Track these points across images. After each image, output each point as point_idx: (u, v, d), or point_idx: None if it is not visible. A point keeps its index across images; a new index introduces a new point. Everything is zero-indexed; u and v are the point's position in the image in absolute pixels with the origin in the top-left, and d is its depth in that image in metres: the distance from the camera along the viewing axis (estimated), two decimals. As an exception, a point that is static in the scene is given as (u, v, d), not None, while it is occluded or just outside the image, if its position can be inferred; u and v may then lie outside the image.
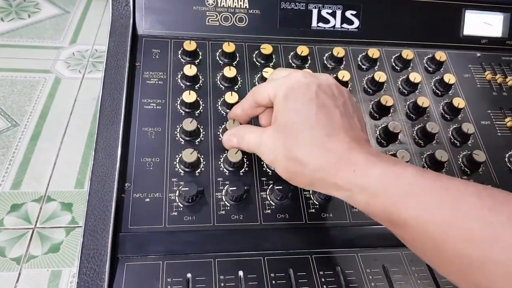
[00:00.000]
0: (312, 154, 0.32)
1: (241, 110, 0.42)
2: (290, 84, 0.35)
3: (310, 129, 0.33)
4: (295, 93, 0.35)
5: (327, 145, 0.32)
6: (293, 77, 0.36)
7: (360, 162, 0.31)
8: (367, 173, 0.30)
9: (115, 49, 0.49)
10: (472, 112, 0.52)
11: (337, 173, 0.31)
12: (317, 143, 0.32)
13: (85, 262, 0.35)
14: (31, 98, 1.00)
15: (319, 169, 0.32)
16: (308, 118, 0.33)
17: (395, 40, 0.56)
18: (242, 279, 0.37)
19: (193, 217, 0.40)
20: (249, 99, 0.40)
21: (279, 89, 0.36)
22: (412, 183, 0.29)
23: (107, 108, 0.44)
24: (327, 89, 0.35)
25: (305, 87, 0.35)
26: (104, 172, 0.40)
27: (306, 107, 0.34)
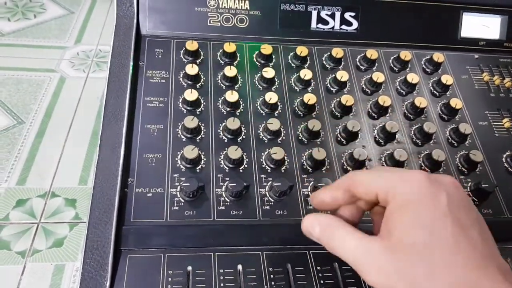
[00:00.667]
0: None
1: (331, 198, 0.33)
2: (411, 185, 0.28)
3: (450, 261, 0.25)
4: (422, 202, 0.27)
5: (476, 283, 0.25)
6: (415, 177, 0.28)
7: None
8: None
9: (119, 49, 0.50)
10: (470, 113, 0.53)
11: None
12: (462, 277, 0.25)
13: (89, 254, 0.36)
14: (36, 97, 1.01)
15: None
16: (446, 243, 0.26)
17: (393, 42, 0.57)
18: (241, 273, 0.38)
19: (194, 212, 0.41)
20: (344, 186, 0.32)
21: (397, 188, 0.28)
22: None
23: (111, 106, 0.45)
24: (458, 199, 0.28)
25: (434, 194, 0.27)
26: (108, 167, 0.41)
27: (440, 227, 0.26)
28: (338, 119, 0.49)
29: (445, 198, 0.27)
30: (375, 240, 0.28)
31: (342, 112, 0.49)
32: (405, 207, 0.27)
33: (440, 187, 0.28)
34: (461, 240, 0.26)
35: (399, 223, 0.27)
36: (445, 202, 0.27)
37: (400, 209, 0.28)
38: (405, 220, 0.27)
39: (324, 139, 0.47)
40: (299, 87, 0.51)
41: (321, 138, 0.47)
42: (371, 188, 0.30)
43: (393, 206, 0.28)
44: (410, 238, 0.26)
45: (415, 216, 0.27)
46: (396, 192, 0.28)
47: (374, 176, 0.31)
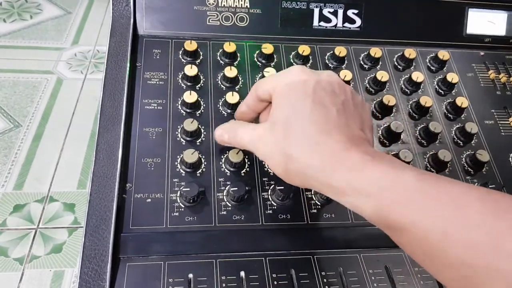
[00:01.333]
0: (305, 151, 0.31)
1: (246, 107, 0.40)
2: (288, 80, 0.34)
3: (304, 125, 0.32)
4: (292, 89, 0.34)
5: (321, 143, 0.31)
6: (292, 72, 0.35)
7: (355, 163, 0.29)
8: (363, 175, 0.29)
9: (116, 50, 0.49)
10: (476, 112, 0.51)
11: (331, 173, 0.30)
12: (310, 141, 0.31)
13: (86, 263, 0.35)
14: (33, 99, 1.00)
15: (312, 167, 0.31)
16: (303, 114, 0.32)
17: (398, 39, 0.55)
18: (244, 279, 0.37)
19: (194, 217, 0.39)
20: (253, 94, 0.39)
21: (278, 84, 0.35)
22: (411, 187, 0.27)
23: (108, 109, 0.44)
24: (326, 86, 0.34)
25: (303, 82, 0.34)
26: (105, 172, 0.40)
27: (301, 103, 0.33)
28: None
29: (313, 84, 0.33)
30: (261, 124, 0.36)
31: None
32: (281, 94, 0.34)
33: (313, 76, 0.34)
34: (317, 113, 0.32)
35: (276, 106, 0.34)
36: (311, 86, 0.33)
37: (278, 96, 0.35)
38: (278, 102, 0.34)
39: (328, 141, 0.46)
40: (301, 87, 0.50)
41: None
42: (264, 88, 0.37)
43: (275, 96, 0.35)
44: (280, 115, 0.33)
45: (285, 98, 0.34)
46: (277, 85, 0.35)
47: (269, 78, 0.37)
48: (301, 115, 0.32)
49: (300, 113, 0.32)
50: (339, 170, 0.30)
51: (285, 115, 0.33)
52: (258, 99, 0.38)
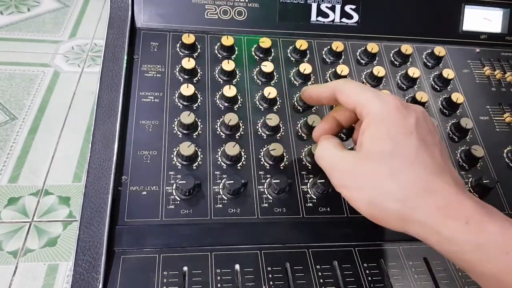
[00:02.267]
0: (413, 192, 0.28)
1: (317, 94, 0.38)
2: (386, 106, 0.31)
3: (412, 164, 0.29)
4: (392, 120, 0.30)
5: (431, 185, 0.28)
6: (389, 100, 0.32)
7: (471, 212, 0.27)
8: (483, 228, 0.26)
9: (113, 42, 0.49)
10: (471, 108, 0.52)
11: (443, 220, 0.27)
12: (420, 181, 0.28)
13: (80, 255, 0.35)
14: (29, 92, 0.99)
15: (420, 210, 0.28)
16: (409, 151, 0.29)
17: (394, 35, 0.55)
18: (239, 272, 0.37)
19: (190, 210, 0.39)
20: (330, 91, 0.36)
21: (373, 104, 0.32)
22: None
23: (104, 101, 0.44)
24: (424, 123, 0.32)
25: (404, 116, 0.31)
26: (101, 165, 0.40)
27: (406, 140, 0.30)
28: (338, 115, 0.48)
29: (414, 120, 0.31)
30: (350, 152, 0.33)
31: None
32: (377, 123, 0.31)
33: (410, 111, 0.32)
34: (422, 152, 0.29)
35: (370, 135, 0.31)
36: (413, 122, 0.31)
37: (372, 124, 0.31)
38: (375, 133, 0.31)
39: (324, 135, 0.46)
40: (299, 81, 0.50)
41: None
42: (351, 100, 0.33)
43: (367, 121, 0.32)
44: (377, 147, 0.30)
45: (385, 130, 0.30)
46: (371, 108, 0.32)
47: (357, 89, 0.34)
48: (407, 153, 0.29)
49: (406, 151, 0.29)
50: (454, 219, 0.27)
51: (390, 149, 0.30)
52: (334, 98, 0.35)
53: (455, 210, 0.27)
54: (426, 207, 0.28)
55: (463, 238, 0.26)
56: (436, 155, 0.30)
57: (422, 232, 0.28)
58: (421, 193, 0.28)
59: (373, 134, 0.31)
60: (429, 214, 0.28)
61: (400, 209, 0.28)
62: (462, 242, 0.26)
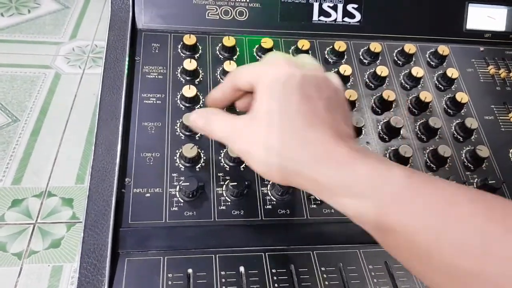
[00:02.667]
0: (291, 145, 0.29)
1: (221, 94, 0.38)
2: (273, 71, 0.33)
3: (291, 118, 0.30)
4: (277, 81, 0.32)
5: (308, 135, 0.29)
6: (277, 63, 0.33)
7: (344, 158, 0.28)
8: (352, 170, 0.27)
9: (114, 44, 0.48)
10: (476, 107, 0.51)
11: (317, 167, 0.28)
12: (297, 134, 0.30)
13: (85, 257, 0.35)
14: (31, 94, 0.99)
15: (297, 161, 0.29)
16: (290, 107, 0.31)
17: (397, 34, 0.55)
18: (243, 274, 0.36)
19: (194, 212, 0.39)
20: (228, 83, 0.37)
21: (262, 76, 0.33)
22: (400, 185, 0.26)
23: (106, 103, 0.44)
24: (312, 80, 0.33)
25: (290, 76, 0.32)
26: (104, 167, 0.40)
27: (288, 97, 0.31)
28: (341, 115, 0.48)
29: (299, 77, 0.32)
30: (241, 117, 0.33)
31: (345, 108, 0.48)
32: (265, 87, 0.32)
33: (298, 69, 0.32)
34: (304, 107, 0.30)
35: (260, 99, 0.32)
36: (298, 79, 0.31)
37: (261, 89, 0.32)
38: (262, 96, 0.32)
39: (327, 136, 0.46)
40: (301, 82, 0.49)
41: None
42: (245, 78, 0.34)
43: (259, 88, 0.33)
44: (264, 108, 0.31)
45: (270, 91, 0.32)
46: (261, 76, 0.33)
47: (249, 67, 0.35)
48: (288, 108, 0.31)
49: (287, 106, 0.31)
50: (327, 165, 0.28)
51: (270, 108, 0.31)
52: (236, 88, 0.36)
53: (328, 157, 0.28)
54: (303, 157, 0.29)
55: (335, 182, 0.28)
56: (318, 108, 0.31)
57: (302, 182, 0.30)
58: (298, 144, 0.29)
59: (259, 97, 0.32)
60: (305, 163, 0.29)
61: (280, 162, 0.30)
62: (335, 186, 0.28)
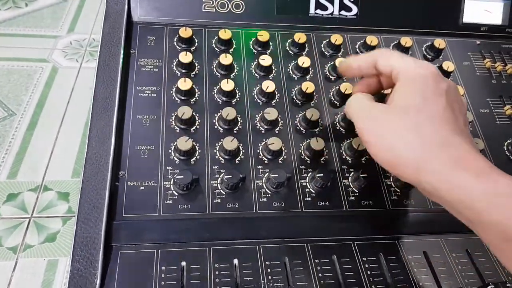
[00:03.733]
0: (432, 143, 0.30)
1: (358, 63, 0.39)
2: (421, 70, 0.33)
3: (436, 119, 0.31)
4: (426, 80, 0.33)
5: (450, 140, 0.30)
6: (426, 66, 0.34)
7: (484, 166, 0.29)
8: (493, 179, 0.28)
9: (110, 36, 0.48)
10: (471, 100, 0.51)
11: (455, 171, 0.29)
12: (440, 135, 0.30)
13: (78, 250, 0.35)
14: (27, 88, 0.99)
15: (434, 160, 0.29)
16: (435, 109, 0.31)
17: (394, 27, 0.55)
18: (237, 267, 0.36)
19: (188, 205, 0.39)
20: (370, 59, 0.37)
21: (409, 69, 0.34)
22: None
23: (101, 96, 0.44)
24: (456, 93, 0.34)
25: (437, 81, 0.33)
26: (98, 160, 0.40)
27: (435, 100, 0.32)
28: (337, 108, 0.48)
29: (446, 86, 0.33)
30: (379, 104, 0.34)
31: (341, 101, 0.48)
32: (411, 82, 0.33)
33: (444, 80, 0.34)
34: (448, 113, 0.31)
35: (401, 92, 0.33)
36: (445, 88, 0.33)
37: (405, 83, 0.33)
38: (406, 90, 0.33)
39: (323, 129, 0.46)
40: (297, 75, 0.49)
41: (320, 128, 0.46)
42: (391, 61, 0.35)
43: (401, 81, 0.33)
44: (406, 102, 0.32)
45: (415, 88, 0.32)
46: (406, 71, 0.34)
47: (397, 55, 0.36)
48: (433, 109, 0.31)
49: (433, 108, 0.31)
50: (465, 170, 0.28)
51: (417, 104, 0.32)
52: (373, 67, 0.37)
53: (467, 163, 0.29)
54: (441, 158, 0.29)
55: (473, 187, 0.28)
56: (459, 120, 0.32)
57: (434, 181, 0.30)
58: (439, 145, 0.30)
59: (404, 90, 0.33)
60: (443, 164, 0.29)
61: (416, 157, 0.30)
62: (472, 191, 0.28)
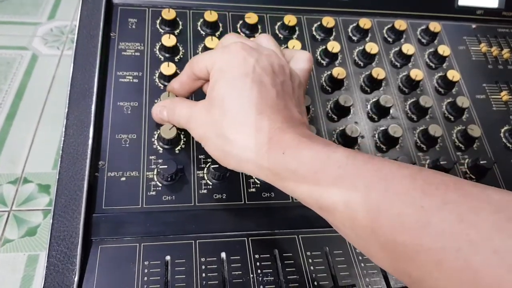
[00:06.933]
0: (241, 132, 0.30)
1: (179, 84, 0.38)
2: (227, 56, 0.33)
3: (241, 105, 0.31)
4: (231, 66, 0.32)
5: (258, 123, 0.30)
6: (232, 48, 0.33)
7: (290, 144, 0.29)
8: (297, 155, 0.28)
9: (88, 19, 0.45)
10: (467, 86, 0.50)
11: (266, 155, 0.29)
12: (247, 121, 0.30)
13: (54, 245, 0.33)
14: (6, 76, 0.95)
15: (247, 149, 0.30)
16: (241, 93, 0.31)
17: (388, 10, 0.53)
18: (225, 260, 0.35)
19: (173, 196, 0.37)
20: (187, 71, 0.37)
21: (216, 60, 0.33)
22: (342, 165, 0.26)
23: (78, 82, 0.41)
24: (266, 65, 0.33)
25: (243, 60, 0.32)
26: (76, 149, 0.37)
27: (240, 82, 0.31)
28: (329, 94, 0.46)
29: (252, 62, 0.32)
30: (198, 102, 0.34)
31: (333, 86, 0.46)
32: (220, 70, 0.33)
33: (253, 53, 0.33)
34: (255, 93, 0.31)
35: (214, 84, 0.32)
36: (251, 64, 0.32)
37: (216, 73, 0.33)
38: (216, 80, 0.32)
39: (315, 115, 0.44)
40: (287, 59, 0.47)
41: (311, 114, 0.44)
42: (202, 64, 0.34)
43: (213, 73, 0.33)
44: (217, 93, 0.32)
45: (223, 77, 0.32)
46: (216, 62, 0.33)
47: (206, 54, 0.35)
48: (239, 94, 0.31)
49: (238, 92, 0.31)
50: (274, 152, 0.29)
51: (223, 94, 0.32)
52: (194, 77, 0.36)
53: (276, 143, 0.29)
54: (251, 145, 0.30)
55: (280, 167, 0.29)
56: (270, 95, 0.31)
57: (253, 169, 0.31)
58: (248, 133, 0.30)
59: (212, 82, 0.33)
60: (255, 151, 0.30)
61: (233, 151, 0.31)
62: (280, 171, 0.29)
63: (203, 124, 0.33)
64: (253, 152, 0.30)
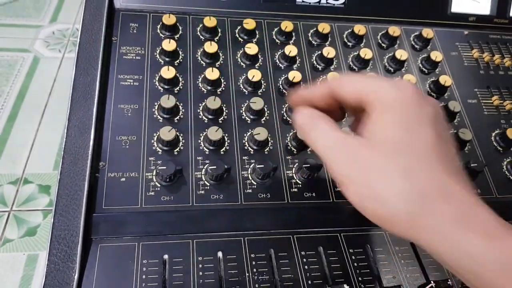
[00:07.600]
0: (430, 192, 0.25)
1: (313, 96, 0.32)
2: (402, 94, 0.27)
3: (427, 162, 0.25)
4: (408, 108, 0.27)
5: (449, 188, 0.25)
6: (405, 86, 0.28)
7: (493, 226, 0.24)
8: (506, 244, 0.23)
9: (90, 23, 0.47)
10: (459, 91, 0.51)
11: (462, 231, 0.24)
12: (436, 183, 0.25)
13: (55, 244, 0.34)
14: (8, 78, 0.96)
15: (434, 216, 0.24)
16: (424, 144, 0.26)
17: (382, 17, 0.54)
18: (221, 260, 0.36)
19: (171, 197, 0.38)
20: (326, 88, 0.31)
21: (382, 93, 0.28)
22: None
23: (80, 84, 0.42)
24: (441, 116, 0.28)
25: (421, 105, 0.27)
26: (77, 150, 0.38)
27: (422, 131, 0.26)
28: (324, 98, 0.47)
29: (431, 111, 0.27)
30: (355, 137, 0.28)
31: (328, 91, 0.47)
32: (391, 109, 0.27)
33: (427, 101, 0.28)
34: (438, 147, 0.26)
35: (382, 122, 0.27)
36: (430, 113, 0.27)
37: (385, 111, 0.27)
38: (388, 119, 0.27)
39: (310, 119, 0.45)
40: (284, 64, 0.48)
41: (307, 118, 0.45)
42: (355, 87, 0.29)
43: (379, 108, 0.27)
44: (389, 136, 0.26)
45: (399, 118, 0.27)
46: (384, 94, 0.28)
47: (362, 77, 0.30)
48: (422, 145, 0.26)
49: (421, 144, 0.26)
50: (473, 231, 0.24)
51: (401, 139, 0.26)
52: (333, 96, 0.30)
53: (474, 220, 0.24)
54: (443, 213, 0.24)
55: (486, 255, 0.23)
56: (451, 153, 0.27)
57: (433, 240, 0.25)
58: (438, 196, 0.24)
59: (385, 120, 0.27)
60: (445, 222, 0.24)
61: (411, 211, 0.25)
62: (485, 260, 0.23)
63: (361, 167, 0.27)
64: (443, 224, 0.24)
